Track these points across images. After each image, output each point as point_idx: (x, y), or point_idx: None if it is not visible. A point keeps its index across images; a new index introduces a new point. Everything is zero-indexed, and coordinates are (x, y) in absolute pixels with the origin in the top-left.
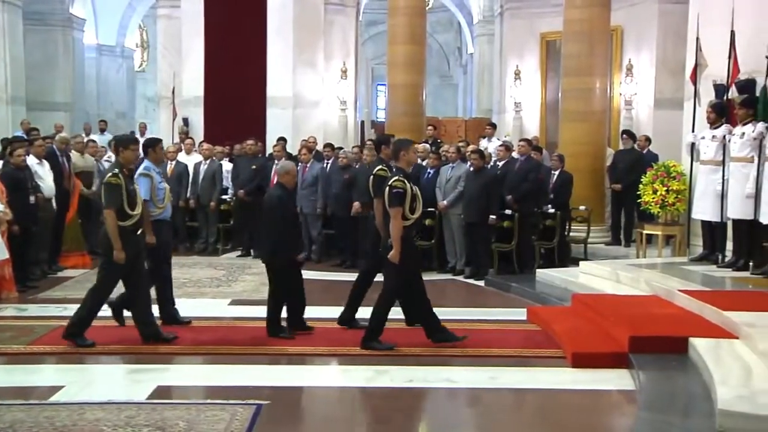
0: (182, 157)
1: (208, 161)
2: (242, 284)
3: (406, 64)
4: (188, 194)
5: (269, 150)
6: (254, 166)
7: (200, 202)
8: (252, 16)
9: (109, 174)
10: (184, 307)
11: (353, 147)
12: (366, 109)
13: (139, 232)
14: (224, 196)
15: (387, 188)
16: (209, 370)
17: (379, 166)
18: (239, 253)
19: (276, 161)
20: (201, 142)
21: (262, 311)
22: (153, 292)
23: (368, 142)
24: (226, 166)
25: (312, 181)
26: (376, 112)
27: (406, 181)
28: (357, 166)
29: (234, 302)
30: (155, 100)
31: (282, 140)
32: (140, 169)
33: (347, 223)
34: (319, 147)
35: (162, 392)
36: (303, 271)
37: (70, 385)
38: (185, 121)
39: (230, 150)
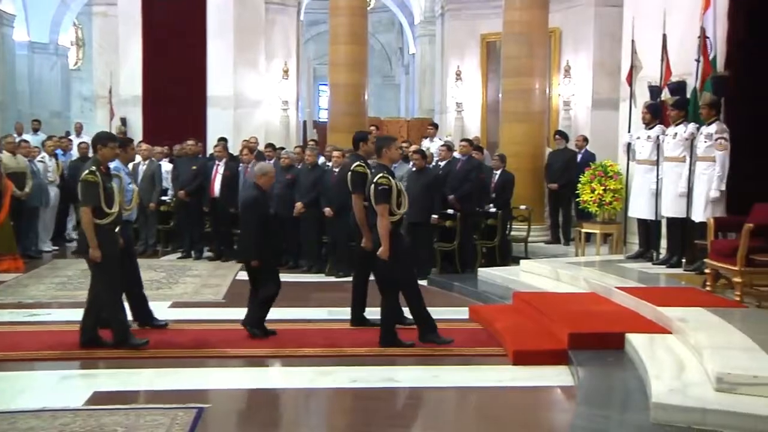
0: None
1: (146, 162)
2: (183, 286)
3: (348, 64)
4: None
5: (210, 150)
6: (195, 167)
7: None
8: (191, 15)
9: (86, 171)
10: None
11: (295, 147)
12: (308, 109)
13: (117, 229)
14: (164, 197)
15: (372, 186)
16: (150, 374)
17: (357, 163)
18: (180, 254)
19: (217, 161)
20: (139, 143)
21: (203, 313)
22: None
23: (310, 142)
24: (166, 166)
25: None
26: (318, 112)
27: (390, 178)
28: (299, 167)
29: (175, 305)
30: (92, 99)
31: (223, 140)
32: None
33: (289, 223)
34: (261, 147)
35: (99, 398)
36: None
37: (1, 394)
38: (123, 121)
39: (170, 150)
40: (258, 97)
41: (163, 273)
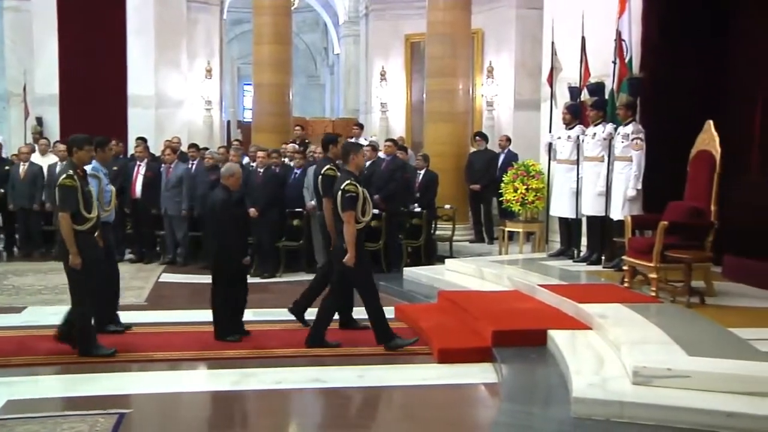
0: (36, 158)
1: (64, 162)
2: None
3: (272, 64)
4: (43, 197)
5: (131, 150)
6: (115, 167)
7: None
8: (109, 12)
9: (63, 176)
10: (42, 314)
11: (219, 147)
12: (232, 108)
13: (96, 234)
14: None
15: (340, 192)
16: (68, 381)
17: (328, 166)
18: None
19: (138, 162)
20: (56, 143)
21: (125, 317)
22: None
23: (235, 143)
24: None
25: (176, 182)
26: (243, 112)
27: (357, 185)
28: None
29: None
30: (5, 97)
31: (142, 140)
32: (88, 170)
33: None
34: (184, 147)
35: (13, 406)
36: (173, 275)
37: None
38: (39, 120)
39: None
40: (180, 96)
41: None
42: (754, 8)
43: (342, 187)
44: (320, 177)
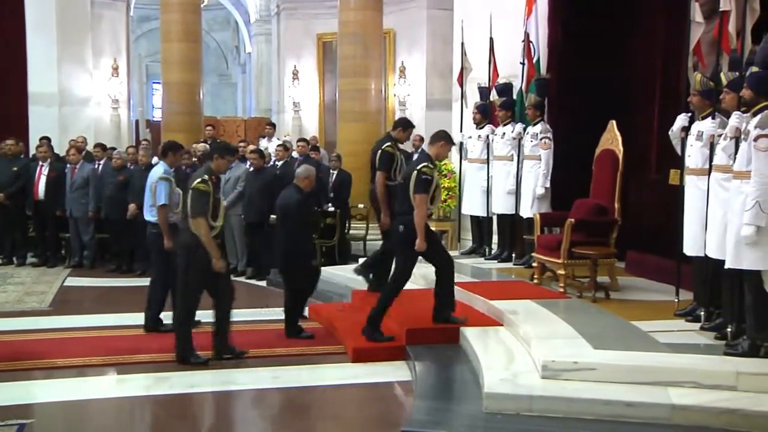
0: None
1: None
2: (3, 295)
3: (182, 62)
4: None
5: (33, 150)
6: (15, 168)
7: None
8: (6, 6)
9: (198, 180)
10: None
11: (128, 147)
12: (140, 107)
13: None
14: None
15: (414, 173)
16: None
17: (389, 143)
18: (0, 261)
19: (41, 162)
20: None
21: (28, 323)
22: None
23: (144, 142)
24: None
25: (82, 183)
26: (152, 111)
27: (434, 169)
28: (132, 167)
29: None
30: None
31: (45, 140)
32: (160, 173)
33: (122, 226)
34: (90, 147)
35: None
36: (80, 278)
37: None
38: None
39: None
40: (86, 94)
41: None
42: (655, 9)
43: (418, 168)
44: (379, 152)
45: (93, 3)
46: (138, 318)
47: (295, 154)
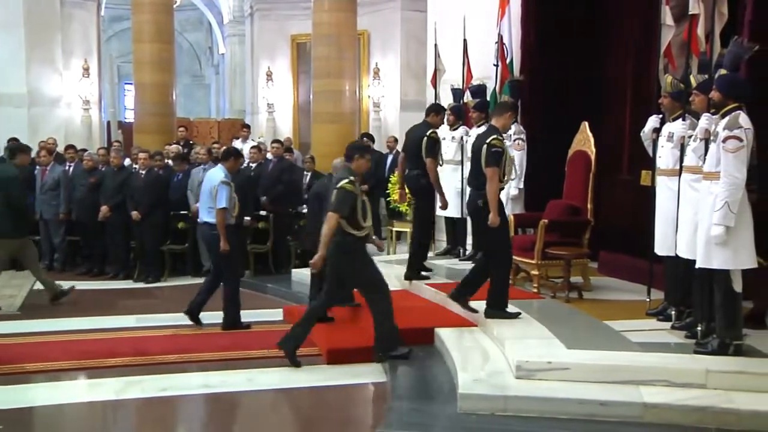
0: None
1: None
2: None
3: (154, 63)
4: None
5: (1, 152)
6: None
7: None
8: None
9: (345, 180)
10: None
11: (99, 149)
12: (112, 109)
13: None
14: None
15: (485, 146)
16: None
17: (432, 130)
18: None
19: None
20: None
21: None
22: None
23: (115, 144)
24: None
25: (53, 184)
26: (124, 112)
27: (503, 142)
28: (103, 169)
29: None
30: None
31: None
32: (221, 177)
33: (94, 228)
34: (60, 148)
35: None
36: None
37: None
38: None
39: None
40: (56, 95)
41: None
42: (627, 12)
43: (488, 141)
44: (425, 139)
45: (63, 3)
46: (107, 322)
47: (269, 155)
